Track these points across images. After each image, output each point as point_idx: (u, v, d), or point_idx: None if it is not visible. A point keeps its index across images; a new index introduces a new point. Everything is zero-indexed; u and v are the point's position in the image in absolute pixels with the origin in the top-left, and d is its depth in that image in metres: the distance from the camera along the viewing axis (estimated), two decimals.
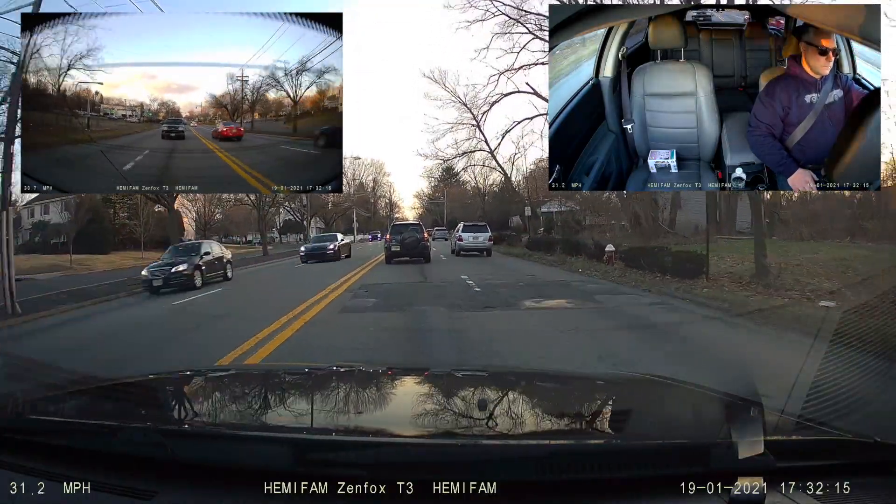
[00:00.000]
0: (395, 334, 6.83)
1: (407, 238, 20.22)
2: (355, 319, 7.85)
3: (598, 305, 8.72)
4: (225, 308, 10.46)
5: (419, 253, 20.03)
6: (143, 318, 9.94)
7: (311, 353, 5.76)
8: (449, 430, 1.43)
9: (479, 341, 5.98)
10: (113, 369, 5.15)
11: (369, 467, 1.11)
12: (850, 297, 6.70)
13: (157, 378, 2.08)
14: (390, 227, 23.72)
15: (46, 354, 6.79)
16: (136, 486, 1.12)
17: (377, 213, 79.37)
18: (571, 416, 1.59)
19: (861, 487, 1.11)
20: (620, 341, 5.81)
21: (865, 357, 1.65)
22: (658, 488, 1.08)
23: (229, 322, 8.55)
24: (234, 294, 13.10)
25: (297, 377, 2.18)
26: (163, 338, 7.53)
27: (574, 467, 1.11)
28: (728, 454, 1.07)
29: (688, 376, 2.27)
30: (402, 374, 2.16)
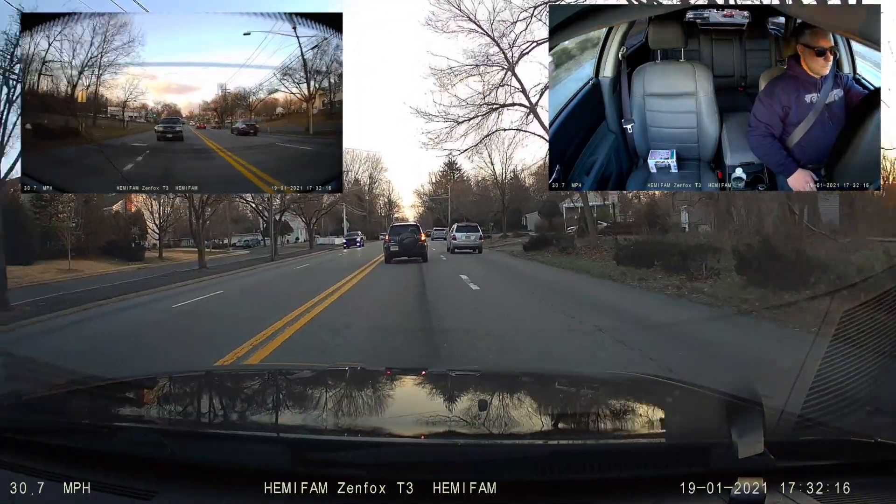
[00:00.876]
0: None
1: (405, 239, 21.03)
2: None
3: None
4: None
5: (417, 253, 20.82)
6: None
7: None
8: (449, 429, 1.43)
9: None
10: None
11: (369, 467, 1.11)
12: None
13: (156, 378, 2.08)
14: (389, 228, 24.82)
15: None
16: (136, 486, 1.12)
17: (374, 211, 73.33)
18: (571, 415, 1.59)
19: (861, 487, 1.11)
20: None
21: (866, 356, 1.65)
22: (658, 488, 1.08)
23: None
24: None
25: (297, 377, 2.18)
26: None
27: (574, 467, 1.11)
28: (728, 454, 1.07)
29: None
30: (401, 373, 2.17)
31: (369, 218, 71.15)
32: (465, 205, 56.01)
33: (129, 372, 4.37)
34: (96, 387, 1.88)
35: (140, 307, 11.75)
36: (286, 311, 8.67)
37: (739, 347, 5.87)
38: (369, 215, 71.20)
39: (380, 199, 76.01)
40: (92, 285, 17.43)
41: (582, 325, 6.91)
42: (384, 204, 77.22)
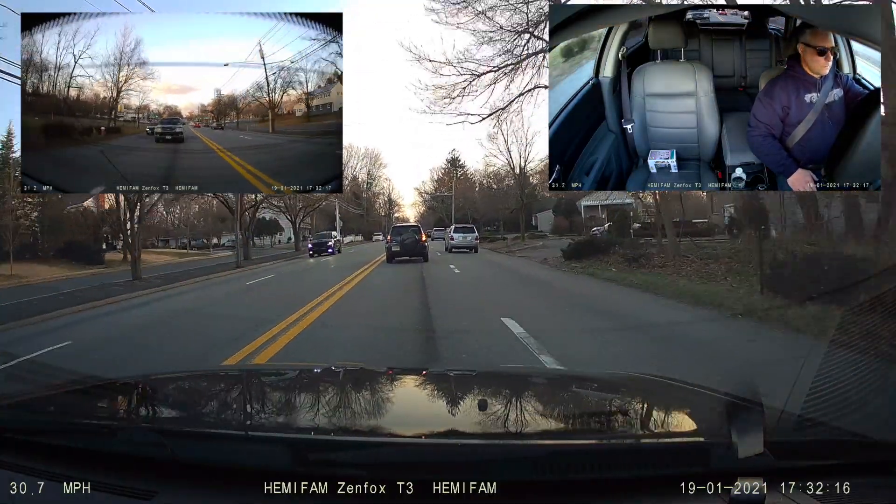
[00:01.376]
0: None
1: (406, 239, 21.19)
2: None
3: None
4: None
5: (418, 253, 20.89)
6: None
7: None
8: (449, 429, 1.43)
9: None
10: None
11: (369, 467, 1.11)
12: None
13: (157, 378, 2.08)
14: (391, 229, 24.74)
15: None
16: (136, 486, 1.12)
17: (372, 209, 69.25)
18: (571, 415, 1.59)
19: (861, 487, 1.11)
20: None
21: (866, 356, 1.65)
22: (658, 488, 1.08)
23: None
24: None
25: (297, 377, 2.18)
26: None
27: (574, 467, 1.11)
28: (728, 454, 1.07)
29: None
30: (401, 373, 2.16)
31: (367, 217, 68.02)
32: (469, 202, 52.26)
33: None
34: (96, 387, 1.89)
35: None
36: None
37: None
38: (367, 214, 67.70)
39: (379, 198, 73.26)
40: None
41: None
42: (384, 202, 74.37)
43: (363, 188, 68.20)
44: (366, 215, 67.75)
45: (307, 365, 3.49)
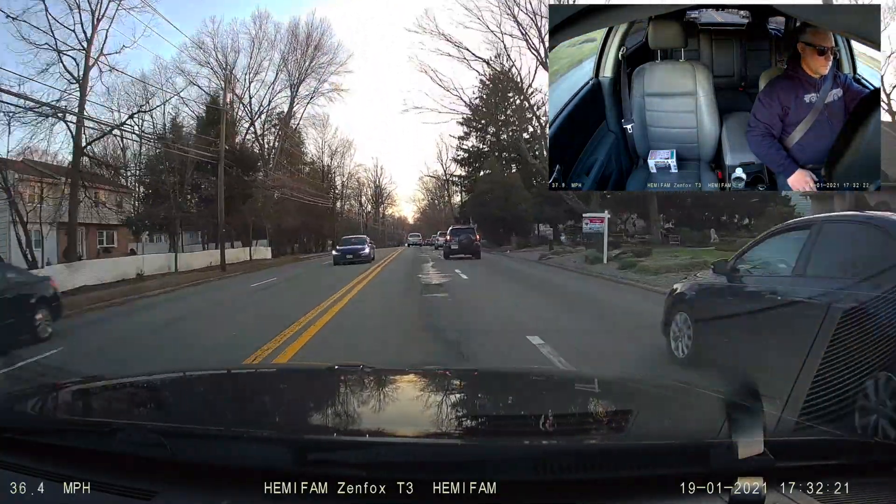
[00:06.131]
0: None
1: (463, 239, 26.97)
2: None
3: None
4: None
5: (472, 251, 26.42)
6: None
7: None
8: (449, 429, 1.43)
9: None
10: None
11: (369, 467, 1.11)
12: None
13: (157, 378, 2.08)
14: (450, 230, 30.17)
15: None
16: (136, 486, 1.12)
17: (343, 211, 55.58)
18: (571, 415, 1.59)
19: (861, 487, 1.11)
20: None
21: (866, 357, 1.64)
22: (658, 488, 1.08)
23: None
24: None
25: (297, 377, 2.18)
26: None
27: (574, 467, 1.11)
28: (728, 454, 1.07)
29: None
30: (401, 373, 2.16)
31: (342, 220, 53.96)
32: (476, 205, 46.32)
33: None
34: (96, 386, 1.88)
35: None
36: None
37: None
38: (337, 214, 53.50)
39: (363, 194, 62.24)
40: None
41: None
42: (368, 200, 63.93)
43: (331, 174, 54.51)
44: (341, 218, 54.01)
45: (307, 365, 3.49)
